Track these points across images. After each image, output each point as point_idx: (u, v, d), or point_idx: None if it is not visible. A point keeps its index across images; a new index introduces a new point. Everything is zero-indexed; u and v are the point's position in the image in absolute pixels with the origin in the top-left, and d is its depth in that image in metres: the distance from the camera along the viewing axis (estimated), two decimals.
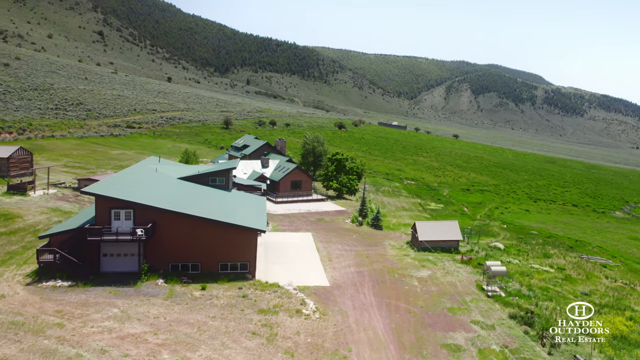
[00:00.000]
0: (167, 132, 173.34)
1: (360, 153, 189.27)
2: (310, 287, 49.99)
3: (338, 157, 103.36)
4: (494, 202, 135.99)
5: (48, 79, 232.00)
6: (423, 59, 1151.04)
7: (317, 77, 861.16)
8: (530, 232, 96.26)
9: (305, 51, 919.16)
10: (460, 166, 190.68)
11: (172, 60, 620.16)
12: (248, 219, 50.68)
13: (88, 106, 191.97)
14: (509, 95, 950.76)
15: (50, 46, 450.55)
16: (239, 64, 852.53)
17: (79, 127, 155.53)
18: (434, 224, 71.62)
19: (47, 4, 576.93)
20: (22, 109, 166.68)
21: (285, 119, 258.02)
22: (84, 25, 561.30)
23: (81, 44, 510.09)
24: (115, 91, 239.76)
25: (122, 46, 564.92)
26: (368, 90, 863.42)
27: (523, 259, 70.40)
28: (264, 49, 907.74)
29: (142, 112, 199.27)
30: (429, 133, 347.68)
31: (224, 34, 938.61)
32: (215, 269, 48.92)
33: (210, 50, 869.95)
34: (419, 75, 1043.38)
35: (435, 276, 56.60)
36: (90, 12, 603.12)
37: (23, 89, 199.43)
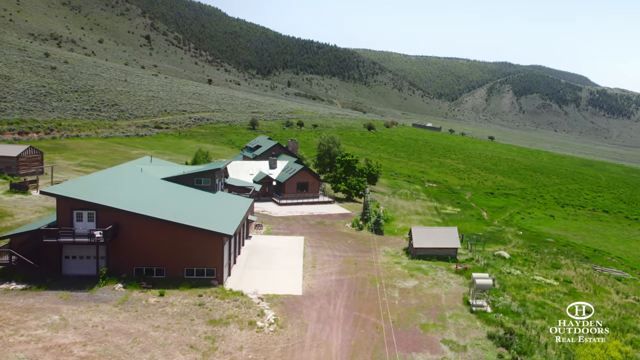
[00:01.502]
0: (193, 132, 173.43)
1: (385, 155, 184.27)
2: (280, 296, 46.67)
3: (347, 159, 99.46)
4: (517, 206, 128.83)
5: (90, 82, 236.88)
6: (464, 60, 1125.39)
7: (357, 79, 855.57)
8: (546, 239, 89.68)
9: (346, 53, 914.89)
10: (488, 169, 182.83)
11: (214, 63, 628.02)
12: (215, 223, 47.78)
13: (122, 107, 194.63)
14: (552, 97, 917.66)
15: (100, 50, 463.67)
16: (281, 66, 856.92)
17: (108, 127, 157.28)
18: (431, 230, 66.96)
19: (100, 11, 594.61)
20: (58, 109, 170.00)
21: (316, 120, 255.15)
22: (132, 30, 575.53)
23: (129, 47, 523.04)
24: (151, 93, 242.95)
25: (167, 49, 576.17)
26: (407, 92, 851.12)
27: (527, 270, 64.84)
28: (305, 51, 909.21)
29: (172, 113, 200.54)
30: (463, 135, 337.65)
31: (266, 37, 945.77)
32: (180, 274, 46.27)
33: (253, 53, 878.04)
34: (460, 77, 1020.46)
35: (421, 287, 52.24)
36: (139, 18, 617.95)
37: (64, 90, 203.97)
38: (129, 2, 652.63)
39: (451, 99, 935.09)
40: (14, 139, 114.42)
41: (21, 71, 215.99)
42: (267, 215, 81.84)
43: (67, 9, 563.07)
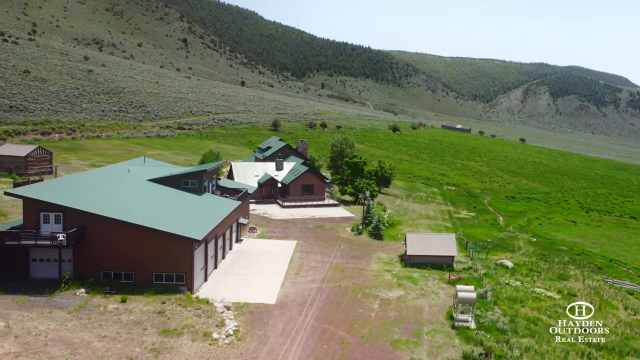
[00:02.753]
0: (214, 133, 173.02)
1: (407, 156, 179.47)
2: (252, 305, 44.03)
3: (355, 160, 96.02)
4: (537, 211, 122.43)
5: (123, 84, 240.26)
6: (500, 61, 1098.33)
7: (390, 81, 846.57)
8: (560, 247, 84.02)
9: (380, 55, 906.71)
10: (513, 172, 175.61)
11: (249, 65, 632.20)
12: (187, 227, 45.45)
13: (148, 108, 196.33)
14: (590, 98, 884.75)
15: (138, 54, 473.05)
16: (315, 68, 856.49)
17: (131, 128, 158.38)
18: (427, 237, 63.01)
19: (141, 15, 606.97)
20: (86, 111, 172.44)
21: (341, 121, 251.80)
22: (170, 34, 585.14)
23: (166, 50, 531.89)
24: (180, 94, 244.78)
25: (203, 52, 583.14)
26: (441, 94, 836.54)
27: (529, 281, 60.15)
28: (340, 53, 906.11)
29: (196, 114, 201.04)
30: (493, 137, 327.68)
31: (302, 40, 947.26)
32: (149, 280, 44.18)
33: (288, 55, 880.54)
34: (495, 78, 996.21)
35: (405, 298, 48.63)
36: (177, 22, 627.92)
37: (96, 92, 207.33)
38: (168, 6, 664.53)
39: (486, 101, 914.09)
40: (34, 139, 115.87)
41: (58, 74, 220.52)
42: (266, 218, 79.44)
43: (110, 14, 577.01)
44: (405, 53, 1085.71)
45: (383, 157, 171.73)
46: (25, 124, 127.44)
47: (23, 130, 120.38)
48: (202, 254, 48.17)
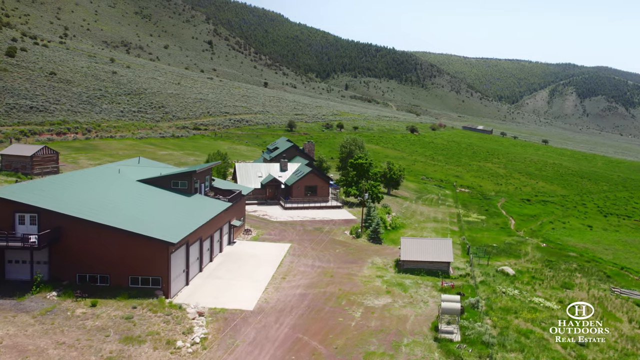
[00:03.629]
0: (229, 134, 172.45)
1: (422, 158, 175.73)
2: (228, 311, 42.27)
3: (360, 162, 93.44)
4: (552, 215, 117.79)
5: (145, 85, 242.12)
6: (526, 62, 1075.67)
7: (414, 82, 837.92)
8: (569, 254, 79.96)
9: (404, 56, 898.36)
10: (531, 174, 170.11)
11: (273, 67, 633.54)
12: (165, 229, 43.89)
13: (167, 109, 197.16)
14: (618, 99, 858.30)
15: (164, 56, 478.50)
16: (340, 69, 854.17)
17: (148, 129, 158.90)
18: (422, 242, 60.22)
19: (168, 18, 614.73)
20: (105, 111, 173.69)
21: (359, 122, 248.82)
22: (196, 36, 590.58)
23: (192, 52, 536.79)
24: (200, 95, 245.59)
25: (228, 54, 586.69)
26: (465, 94, 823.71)
27: (530, 290, 56.85)
28: (364, 54, 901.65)
29: (214, 115, 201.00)
30: (515, 138, 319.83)
31: (326, 41, 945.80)
32: (125, 283, 42.81)
33: (313, 57, 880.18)
34: (521, 79, 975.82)
35: (391, 307, 46.15)
36: (203, 24, 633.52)
37: (118, 93, 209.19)
38: (195, 9, 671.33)
39: (511, 102, 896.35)
40: (48, 139, 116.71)
41: (83, 76, 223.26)
42: (265, 220, 77.70)
43: (139, 17, 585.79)
44: (430, 54, 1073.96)
45: (398, 158, 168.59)
46: (42, 124, 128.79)
47: (39, 130, 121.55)
48: (183, 257, 46.62)
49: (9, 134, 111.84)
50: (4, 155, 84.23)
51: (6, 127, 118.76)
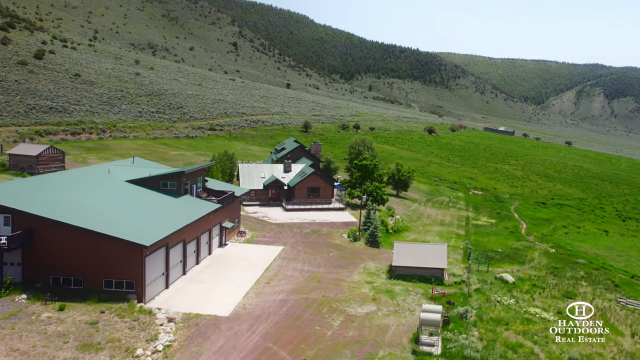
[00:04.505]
0: (244, 134, 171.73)
1: (437, 159, 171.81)
2: (203, 316, 40.63)
3: (364, 163, 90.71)
4: (567, 219, 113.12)
5: (166, 86, 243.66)
6: (553, 63, 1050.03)
7: (438, 83, 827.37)
8: (577, 260, 75.95)
9: (428, 57, 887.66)
10: (549, 176, 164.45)
11: (297, 68, 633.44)
12: (140, 231, 42.48)
13: (185, 109, 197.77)
14: None
15: (189, 57, 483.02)
16: (363, 70, 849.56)
17: (164, 129, 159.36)
18: (416, 247, 57.55)
19: (194, 21, 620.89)
20: (123, 112, 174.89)
21: (377, 123, 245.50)
22: (221, 38, 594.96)
23: (217, 54, 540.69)
24: (220, 96, 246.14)
25: (252, 55, 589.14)
26: (490, 95, 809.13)
27: (528, 299, 53.68)
28: (388, 55, 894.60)
29: (230, 116, 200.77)
30: (538, 139, 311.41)
31: (351, 42, 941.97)
32: (98, 286, 41.58)
33: (337, 58, 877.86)
34: (547, 80, 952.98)
35: (374, 315, 43.82)
36: (229, 26, 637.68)
37: (138, 94, 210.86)
38: (221, 11, 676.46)
39: (537, 103, 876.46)
40: (62, 139, 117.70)
41: (107, 77, 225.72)
42: (263, 221, 76.06)
43: (166, 20, 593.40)
44: (454, 55, 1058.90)
45: (412, 159, 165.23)
46: (59, 124, 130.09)
47: (54, 130, 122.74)
48: (162, 260, 45.22)
49: (24, 133, 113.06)
50: (12, 155, 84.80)
51: (23, 127, 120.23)
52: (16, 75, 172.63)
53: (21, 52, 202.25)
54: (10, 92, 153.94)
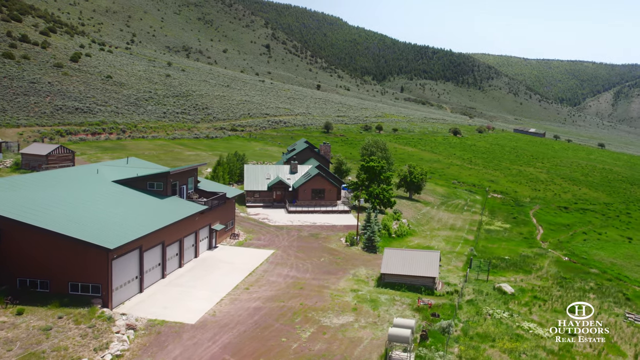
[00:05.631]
0: (264, 135, 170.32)
1: (459, 161, 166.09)
2: (168, 324, 38.66)
3: (371, 164, 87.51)
4: (589, 225, 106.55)
5: (194, 87, 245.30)
6: (590, 63, 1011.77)
7: (471, 84, 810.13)
8: (590, 270, 70.53)
9: (461, 58, 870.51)
10: (575, 179, 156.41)
11: (329, 70, 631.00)
12: (108, 234, 40.75)
13: (209, 110, 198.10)
14: None
15: (222, 59, 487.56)
16: (396, 72, 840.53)
17: (185, 129, 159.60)
18: (407, 254, 53.98)
19: (229, 23, 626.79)
20: (148, 112, 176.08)
21: (402, 124, 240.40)
22: (255, 40, 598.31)
23: (249, 56, 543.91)
24: (246, 97, 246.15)
25: (285, 57, 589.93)
26: (524, 97, 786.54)
27: (525, 312, 49.50)
28: (421, 56, 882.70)
29: (254, 116, 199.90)
30: (569, 141, 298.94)
31: (384, 44, 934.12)
32: (65, 290, 40.09)
33: (370, 60, 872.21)
34: (583, 81, 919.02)
35: (350, 327, 40.83)
36: (262, 28, 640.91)
37: (166, 95, 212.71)
38: (255, 14, 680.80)
39: (573, 104, 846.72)
40: (80, 139, 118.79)
41: (138, 79, 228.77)
42: (263, 224, 73.80)
43: (202, 23, 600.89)
44: (488, 56, 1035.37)
45: (432, 161, 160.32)
46: (82, 124, 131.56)
47: (75, 130, 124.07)
48: (135, 263, 43.49)
49: (45, 133, 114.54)
50: (24, 154, 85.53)
51: (46, 127, 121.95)
52: (50, 78, 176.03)
53: (59, 55, 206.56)
54: (42, 94, 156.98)
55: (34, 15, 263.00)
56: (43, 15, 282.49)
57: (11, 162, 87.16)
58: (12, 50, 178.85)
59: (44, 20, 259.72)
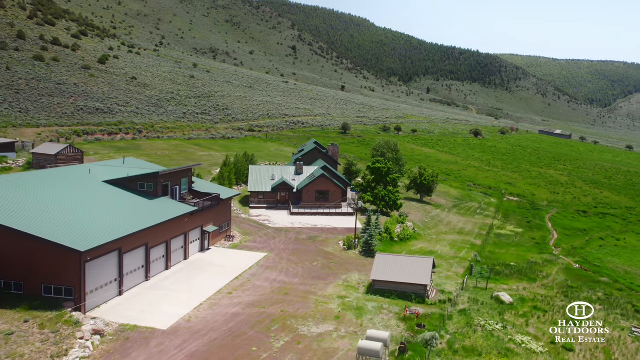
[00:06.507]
0: (281, 135, 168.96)
1: (477, 163, 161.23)
2: (138, 329, 37.27)
3: (377, 166, 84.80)
4: (608, 230, 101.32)
5: (216, 88, 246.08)
6: (621, 63, 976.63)
7: (498, 85, 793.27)
8: (600, 279, 66.26)
9: (488, 58, 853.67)
10: (597, 182, 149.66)
11: (354, 71, 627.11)
12: (79, 236, 39.52)
13: (229, 111, 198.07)
14: None
15: (248, 61, 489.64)
16: (422, 73, 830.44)
17: (203, 130, 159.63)
18: (399, 260, 51.26)
19: (256, 25, 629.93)
20: (168, 113, 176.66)
21: (422, 125, 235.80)
22: (281, 42, 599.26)
23: (275, 57, 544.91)
24: (267, 98, 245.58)
25: (310, 59, 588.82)
26: (552, 98, 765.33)
27: (521, 324, 46.29)
28: (447, 57, 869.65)
29: (272, 117, 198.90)
30: (596, 143, 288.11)
31: (410, 45, 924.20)
32: (38, 292, 39.09)
33: (396, 61, 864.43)
34: (614, 81, 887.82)
35: (328, 337, 38.62)
36: (289, 30, 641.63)
37: (188, 96, 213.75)
38: (282, 16, 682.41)
39: (603, 105, 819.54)
40: (96, 139, 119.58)
41: (162, 80, 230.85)
42: (262, 226, 72.08)
43: (229, 25, 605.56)
44: (516, 56, 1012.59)
45: (450, 162, 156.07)
46: (100, 124, 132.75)
47: (92, 130, 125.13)
48: (113, 265, 42.29)
49: (63, 133, 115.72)
50: (35, 154, 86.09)
51: (64, 127, 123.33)
52: (77, 79, 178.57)
53: (87, 58, 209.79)
54: (66, 95, 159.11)
55: (67, 19, 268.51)
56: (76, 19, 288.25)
57: (24, 161, 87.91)
58: (43, 53, 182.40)
59: (76, 24, 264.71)
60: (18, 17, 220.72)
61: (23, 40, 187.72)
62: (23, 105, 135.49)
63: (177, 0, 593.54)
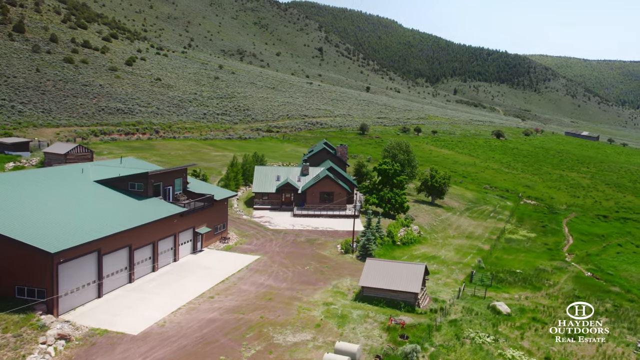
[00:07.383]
0: (298, 136, 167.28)
1: (496, 164, 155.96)
2: (108, 333, 35.95)
3: (384, 167, 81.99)
4: (629, 236, 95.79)
5: (239, 89, 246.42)
6: None
7: (526, 86, 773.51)
8: (611, 289, 61.90)
9: (517, 59, 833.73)
10: (621, 186, 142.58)
11: (380, 72, 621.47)
12: (52, 236, 38.40)
13: (249, 112, 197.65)
14: None
15: (274, 62, 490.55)
16: (449, 74, 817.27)
17: (221, 130, 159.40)
18: (390, 266, 48.56)
19: (283, 27, 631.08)
20: (188, 113, 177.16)
21: (444, 126, 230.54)
22: (308, 43, 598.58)
23: (302, 59, 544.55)
24: (289, 99, 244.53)
25: (337, 60, 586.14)
26: (582, 99, 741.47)
27: (516, 337, 43.07)
28: (475, 58, 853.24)
29: (291, 118, 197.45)
30: (625, 145, 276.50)
31: (438, 46, 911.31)
32: (12, 293, 38.15)
33: (424, 62, 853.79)
34: None
35: (303, 346, 36.48)
36: (316, 32, 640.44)
37: (210, 97, 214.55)
38: (309, 18, 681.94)
39: (636, 106, 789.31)
40: (112, 139, 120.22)
41: (186, 81, 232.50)
42: (261, 227, 70.34)
43: (257, 27, 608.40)
44: (546, 57, 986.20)
45: (468, 164, 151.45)
46: (118, 124, 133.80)
47: (109, 130, 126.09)
48: (92, 267, 41.16)
49: (80, 133, 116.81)
50: (46, 153, 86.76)
51: (83, 127, 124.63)
52: (103, 80, 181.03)
53: (115, 60, 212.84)
54: (90, 95, 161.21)
55: (99, 22, 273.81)
56: (108, 23, 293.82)
57: (37, 160, 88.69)
58: (73, 55, 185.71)
59: (108, 27, 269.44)
60: (52, 20, 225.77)
61: (55, 43, 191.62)
62: (47, 105, 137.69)
63: (207, 3, 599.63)
